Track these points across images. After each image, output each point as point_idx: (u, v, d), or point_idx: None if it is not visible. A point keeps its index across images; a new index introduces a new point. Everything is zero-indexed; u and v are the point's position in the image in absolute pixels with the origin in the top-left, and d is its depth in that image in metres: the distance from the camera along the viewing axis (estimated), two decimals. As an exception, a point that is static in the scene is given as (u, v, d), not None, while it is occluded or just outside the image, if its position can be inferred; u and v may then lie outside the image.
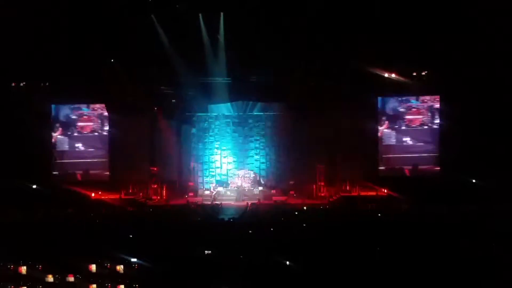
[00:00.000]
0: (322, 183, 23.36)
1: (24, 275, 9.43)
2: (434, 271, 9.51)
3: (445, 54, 21.03)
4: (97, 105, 24.38)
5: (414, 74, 23.20)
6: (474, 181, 21.16)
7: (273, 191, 23.89)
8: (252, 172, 24.71)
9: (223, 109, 25.19)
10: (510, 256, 9.69)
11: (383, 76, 23.12)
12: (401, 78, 23.12)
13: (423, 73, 23.15)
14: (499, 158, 20.00)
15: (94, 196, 22.26)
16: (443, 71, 21.98)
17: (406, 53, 21.34)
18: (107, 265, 9.65)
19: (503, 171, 19.22)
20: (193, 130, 25.18)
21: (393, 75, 23.16)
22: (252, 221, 15.63)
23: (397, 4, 20.42)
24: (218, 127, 25.21)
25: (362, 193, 22.45)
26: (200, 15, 22.73)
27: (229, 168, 25.06)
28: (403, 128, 23.80)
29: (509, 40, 19.27)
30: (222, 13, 22.69)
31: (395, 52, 21.36)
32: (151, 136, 24.42)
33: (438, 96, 23.40)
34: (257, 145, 25.22)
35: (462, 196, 18.99)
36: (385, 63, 22.64)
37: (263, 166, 25.17)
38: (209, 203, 21.91)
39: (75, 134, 24.25)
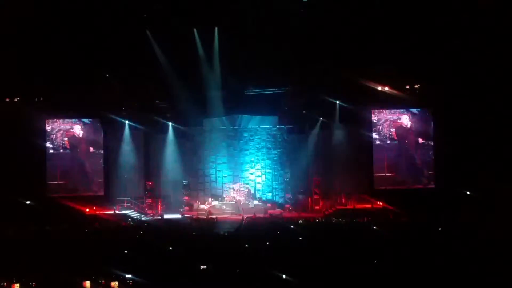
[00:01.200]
0: (318, 196, 23.33)
1: (17, 292, 9.33)
2: (431, 282, 9.49)
3: (437, 68, 21.22)
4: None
5: (407, 87, 23.35)
6: (468, 193, 21.23)
7: (268, 205, 23.83)
8: (247, 185, 24.65)
9: (218, 122, 25.19)
10: (507, 265, 9.68)
11: (377, 90, 23.25)
12: (394, 92, 23.25)
13: (416, 86, 23.32)
14: (492, 169, 20.08)
15: (88, 212, 22.13)
16: (435, 84, 22.16)
17: (399, 67, 21.50)
18: (101, 281, 9.56)
19: (496, 182, 19.29)
20: (188, 144, 25.13)
21: (387, 89, 23.29)
22: (248, 235, 15.56)
23: (391, 19, 20.60)
24: (213, 140, 25.16)
25: (358, 206, 22.44)
26: (194, 30, 22.86)
27: (224, 182, 24.98)
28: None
29: (500, 54, 19.48)
30: (216, 28, 22.84)
31: (389, 67, 21.52)
32: (146, 150, 24.37)
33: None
34: (252, 159, 25.18)
35: (457, 208, 19.04)
36: (379, 77, 22.78)
37: (258, 179, 25.12)
38: (205, 217, 21.82)
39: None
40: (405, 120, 23.75)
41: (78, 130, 24.20)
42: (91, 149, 24.13)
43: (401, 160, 23.70)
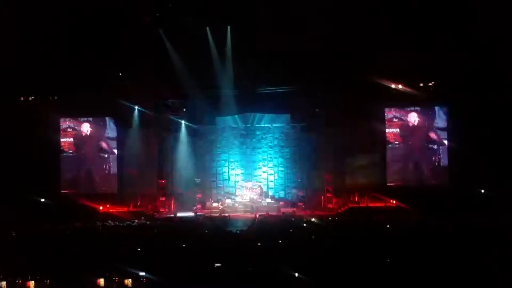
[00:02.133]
0: (330, 194, 23.27)
1: (32, 290, 9.41)
2: (444, 283, 9.42)
3: (452, 64, 21.03)
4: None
5: (421, 85, 23.18)
6: (482, 191, 21.03)
7: (281, 203, 23.82)
8: (260, 184, 24.66)
9: (231, 121, 25.23)
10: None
11: (390, 87, 23.10)
12: (408, 89, 23.09)
13: (430, 84, 23.13)
14: (508, 168, 19.86)
15: (102, 209, 22.30)
16: (450, 81, 21.98)
17: (413, 64, 21.34)
18: (115, 279, 9.61)
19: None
20: (201, 142, 25.21)
21: (400, 86, 23.13)
22: (261, 233, 15.56)
23: (403, 15, 20.45)
24: (225, 139, 25.23)
25: (371, 204, 22.34)
26: (207, 28, 22.89)
27: (237, 180, 25.03)
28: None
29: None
30: (229, 26, 22.84)
31: (402, 63, 21.37)
32: (159, 149, 24.47)
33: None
34: (265, 157, 25.19)
35: (471, 207, 18.87)
36: (392, 74, 22.64)
37: (271, 178, 25.12)
38: (217, 215, 21.87)
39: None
40: (419, 117, 23.56)
41: (91, 128, 24.37)
42: (105, 147, 24.29)
43: (414, 158, 23.54)
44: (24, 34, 20.63)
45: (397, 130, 23.55)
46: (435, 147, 23.31)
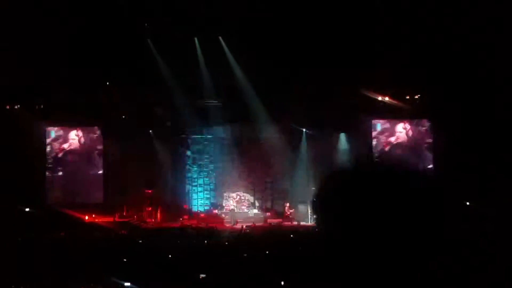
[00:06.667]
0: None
1: (15, 300, 9.27)
2: (432, 278, 9.43)
3: (437, 77, 21.25)
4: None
5: (407, 97, 23.41)
6: (468, 203, 21.19)
7: (267, 214, 23.76)
8: (246, 194, 24.60)
9: (218, 131, 25.19)
10: (507, 259, 9.63)
11: (377, 100, 23.30)
12: (394, 102, 23.30)
13: (416, 97, 23.39)
14: (491, 176, 20.03)
15: (87, 219, 22.06)
16: (435, 94, 22.21)
17: (399, 76, 21.54)
18: (100, 289, 9.51)
19: (495, 189, 19.24)
20: (188, 152, 25.13)
21: (387, 99, 23.34)
22: (247, 244, 15.51)
23: (390, 27, 20.65)
24: (213, 149, 25.19)
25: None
26: (195, 39, 22.95)
27: (224, 191, 24.94)
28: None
29: (501, 62, 19.47)
30: (220, 37, 22.94)
31: (389, 76, 21.56)
32: (146, 158, 24.34)
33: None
34: (252, 167, 25.14)
35: (458, 220, 18.96)
36: (379, 87, 22.84)
37: (258, 188, 25.06)
38: (204, 225, 21.74)
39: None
40: (404, 130, 23.75)
41: (77, 137, 24.18)
42: (91, 156, 24.11)
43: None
44: (9, 43, 20.45)
45: (384, 144, 23.72)
46: (421, 159, 23.50)
